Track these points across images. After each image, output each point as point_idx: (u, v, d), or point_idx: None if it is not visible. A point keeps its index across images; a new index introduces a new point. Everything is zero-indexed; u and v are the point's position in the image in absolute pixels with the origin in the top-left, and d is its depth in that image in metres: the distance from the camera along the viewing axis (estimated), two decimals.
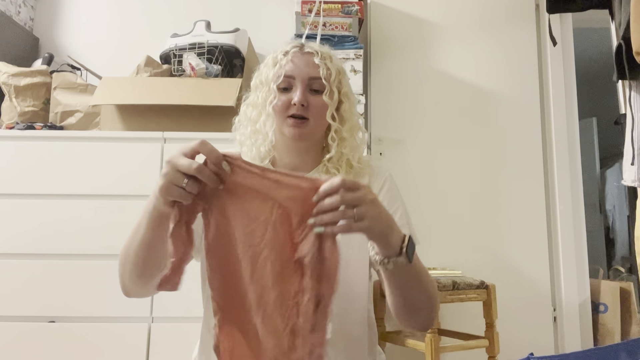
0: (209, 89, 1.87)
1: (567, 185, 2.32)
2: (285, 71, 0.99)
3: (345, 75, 1.06)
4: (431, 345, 1.59)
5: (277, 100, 0.99)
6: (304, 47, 1.03)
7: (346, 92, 1.05)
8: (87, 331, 1.67)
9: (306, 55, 1.02)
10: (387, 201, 1.01)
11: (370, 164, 1.07)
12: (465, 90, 2.36)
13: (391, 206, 1.01)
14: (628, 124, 1.50)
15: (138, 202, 1.72)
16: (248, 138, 1.04)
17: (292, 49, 1.02)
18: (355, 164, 1.03)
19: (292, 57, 1.01)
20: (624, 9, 1.46)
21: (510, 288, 2.15)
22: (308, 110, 0.98)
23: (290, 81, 0.99)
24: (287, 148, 1.03)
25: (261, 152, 1.02)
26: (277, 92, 0.99)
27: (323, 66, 1.00)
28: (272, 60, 1.03)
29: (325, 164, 1.02)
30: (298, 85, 0.99)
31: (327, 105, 1.00)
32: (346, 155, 1.03)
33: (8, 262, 1.71)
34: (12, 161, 1.78)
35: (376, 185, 1.04)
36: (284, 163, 1.04)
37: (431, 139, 2.32)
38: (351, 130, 1.05)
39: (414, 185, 2.26)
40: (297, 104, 0.97)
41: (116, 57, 2.41)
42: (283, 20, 2.44)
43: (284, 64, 1.00)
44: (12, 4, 2.33)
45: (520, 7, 2.44)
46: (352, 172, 1.02)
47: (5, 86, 2.00)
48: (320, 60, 1.00)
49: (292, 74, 0.99)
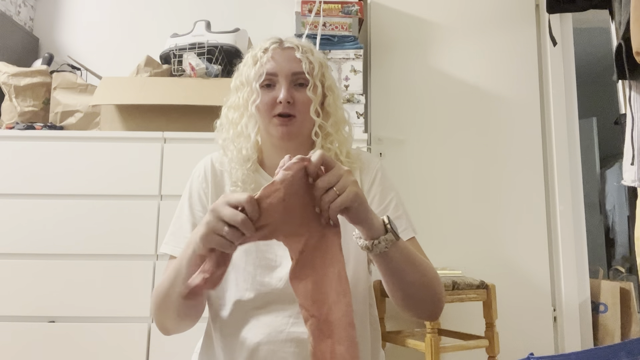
0: (209, 89, 1.87)
1: (567, 185, 2.32)
2: (267, 69, 0.96)
3: (328, 68, 1.03)
4: (431, 345, 1.59)
5: (261, 99, 0.96)
6: (284, 43, 1.00)
7: (330, 85, 1.02)
8: (87, 331, 1.67)
9: (287, 50, 0.98)
10: (379, 194, 0.99)
11: (360, 158, 1.04)
12: (465, 90, 2.36)
13: (384, 198, 0.99)
14: (628, 124, 1.50)
15: (138, 202, 1.75)
16: (231, 142, 1.01)
17: (272, 45, 0.99)
18: (343, 158, 1.01)
19: (272, 54, 0.97)
20: (624, 9, 1.46)
21: (510, 288, 2.15)
22: (294, 107, 0.96)
23: (273, 79, 0.96)
24: (273, 148, 1.01)
25: (244, 155, 0.99)
26: (260, 91, 0.96)
27: (305, 60, 0.97)
28: (252, 59, 0.99)
29: None
30: (282, 82, 0.96)
31: (312, 100, 0.97)
32: (333, 150, 1.00)
33: (8, 262, 1.71)
34: (12, 161, 1.78)
35: (367, 179, 1.01)
36: (271, 163, 1.02)
37: (431, 139, 2.32)
38: (336, 125, 1.02)
39: (414, 185, 2.26)
40: (282, 101, 0.94)
41: (116, 57, 2.42)
42: (283, 20, 2.44)
43: (264, 62, 0.97)
44: (12, 4, 2.33)
45: (520, 7, 2.44)
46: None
47: (5, 86, 2.00)
48: (301, 55, 0.97)
49: (274, 71, 0.96)
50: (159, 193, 1.76)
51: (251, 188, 0.98)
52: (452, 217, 2.25)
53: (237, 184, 0.98)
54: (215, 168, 1.03)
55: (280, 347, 0.89)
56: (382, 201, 0.99)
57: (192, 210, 1.00)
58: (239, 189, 0.98)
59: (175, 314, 0.85)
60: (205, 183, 1.01)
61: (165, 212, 1.73)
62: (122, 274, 1.70)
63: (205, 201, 1.00)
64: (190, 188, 1.02)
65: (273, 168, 1.01)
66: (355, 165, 1.02)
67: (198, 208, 0.99)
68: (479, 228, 2.25)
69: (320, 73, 0.99)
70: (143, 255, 1.71)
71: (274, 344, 0.89)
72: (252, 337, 0.90)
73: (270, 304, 0.92)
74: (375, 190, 1.00)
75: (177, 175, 1.74)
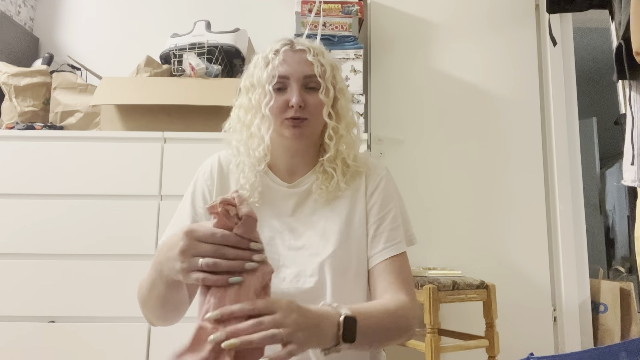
0: (209, 89, 1.87)
1: (567, 185, 2.32)
2: (279, 72, 0.96)
3: (338, 70, 1.03)
4: (431, 345, 1.58)
5: (274, 102, 0.96)
6: (295, 45, 0.99)
7: (341, 88, 1.02)
8: (87, 331, 1.67)
9: (298, 52, 0.98)
10: (379, 202, 1.00)
11: (367, 163, 1.05)
12: (465, 90, 2.36)
13: (384, 207, 1.00)
14: (628, 124, 1.50)
15: (138, 202, 1.75)
16: (244, 143, 1.01)
17: (283, 47, 0.98)
18: (350, 162, 1.01)
19: (284, 56, 0.97)
20: (624, 9, 1.46)
21: (510, 288, 2.15)
22: (306, 110, 0.96)
23: (285, 82, 0.97)
24: (284, 150, 1.01)
25: (256, 157, 0.99)
26: (273, 94, 0.96)
27: (317, 63, 0.97)
28: (263, 60, 0.99)
29: (323, 163, 1.00)
30: (293, 85, 0.96)
31: (324, 103, 0.97)
32: (342, 154, 1.01)
33: (8, 262, 1.72)
34: (12, 161, 1.78)
35: (371, 185, 1.02)
36: (280, 164, 1.03)
37: (431, 139, 2.32)
38: (347, 127, 1.02)
39: (414, 185, 2.26)
40: (294, 105, 0.94)
41: (116, 57, 2.42)
42: (283, 20, 2.45)
43: (276, 64, 0.96)
44: (12, 4, 2.33)
45: (520, 7, 2.44)
46: (348, 172, 1.01)
47: (5, 86, 2.00)
48: (313, 57, 0.97)
49: (286, 74, 0.96)
50: (159, 193, 1.76)
51: (259, 192, 0.98)
52: (452, 217, 2.25)
53: (245, 187, 0.99)
54: (222, 167, 1.04)
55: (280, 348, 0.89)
56: (381, 210, 1.00)
57: (193, 205, 1.00)
58: (246, 192, 0.98)
59: (156, 316, 0.88)
60: (210, 180, 1.02)
61: (165, 212, 1.73)
62: (122, 274, 1.70)
63: (208, 198, 1.01)
64: (195, 184, 1.03)
65: (282, 170, 1.02)
66: (361, 169, 1.02)
67: (200, 204, 1.00)
68: (479, 228, 2.25)
69: (332, 76, 0.99)
70: (143, 255, 1.70)
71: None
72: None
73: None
74: (376, 198, 1.00)
75: (177, 175, 1.74)
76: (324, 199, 0.98)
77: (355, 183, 1.01)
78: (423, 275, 1.78)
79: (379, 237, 0.97)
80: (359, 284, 0.96)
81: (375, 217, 0.99)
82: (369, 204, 1.00)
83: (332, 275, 0.93)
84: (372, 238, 0.98)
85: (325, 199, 0.99)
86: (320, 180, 0.99)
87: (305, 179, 1.01)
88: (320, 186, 0.98)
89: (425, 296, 1.62)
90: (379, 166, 1.06)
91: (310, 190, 1.00)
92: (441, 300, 1.65)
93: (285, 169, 1.02)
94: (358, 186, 1.01)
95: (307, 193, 1.01)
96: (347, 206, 0.99)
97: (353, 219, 0.98)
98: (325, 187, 0.98)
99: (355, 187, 1.01)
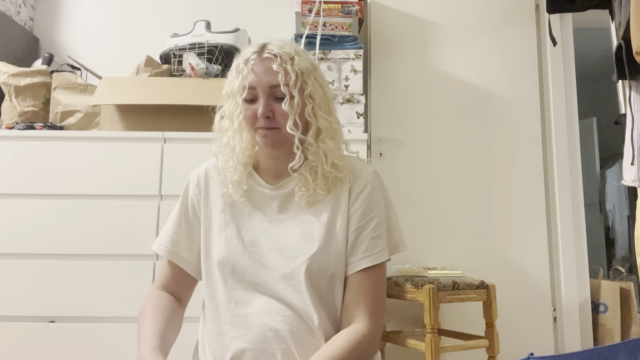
0: (209, 89, 1.87)
1: (567, 185, 2.32)
2: (247, 82, 0.96)
3: (311, 73, 0.99)
4: (431, 345, 1.58)
5: (244, 114, 0.97)
6: (263, 52, 0.97)
7: (310, 93, 0.97)
8: (87, 331, 1.67)
9: (265, 61, 0.96)
10: (362, 209, 0.98)
11: (352, 168, 1.02)
12: (465, 90, 2.36)
13: (367, 215, 0.98)
14: (628, 124, 1.50)
15: (138, 202, 1.75)
16: (222, 150, 1.03)
17: (252, 55, 0.97)
18: (327, 168, 0.98)
19: (252, 66, 0.96)
20: (624, 9, 1.46)
21: (510, 288, 2.15)
22: (275, 120, 0.96)
23: (254, 92, 0.96)
24: (265, 155, 1.03)
25: (231, 165, 1.01)
26: (243, 105, 0.97)
27: (282, 71, 0.94)
28: (236, 70, 0.99)
29: (302, 172, 0.99)
30: (260, 96, 0.96)
31: (288, 113, 0.95)
32: (311, 163, 0.99)
33: (8, 262, 1.72)
34: (12, 161, 1.78)
35: (355, 190, 1.00)
36: (266, 168, 1.04)
37: (431, 139, 2.32)
38: (318, 134, 0.99)
39: (414, 186, 2.26)
40: (261, 117, 0.95)
41: (116, 57, 2.42)
42: (283, 20, 2.44)
43: (245, 74, 0.96)
44: (12, 4, 2.33)
45: (520, 7, 2.44)
46: (326, 178, 0.99)
47: (5, 86, 2.00)
48: (278, 66, 0.94)
49: (254, 85, 0.96)
50: (159, 193, 1.76)
51: (243, 190, 1.02)
52: (452, 217, 2.25)
53: (228, 186, 1.02)
54: (208, 176, 1.08)
55: (269, 345, 0.92)
56: (363, 218, 0.98)
57: (180, 211, 1.08)
58: (230, 190, 1.02)
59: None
60: (197, 189, 1.07)
61: (165, 212, 1.73)
62: (122, 274, 1.70)
63: (196, 206, 1.06)
64: (185, 192, 1.09)
65: (267, 173, 1.04)
66: (342, 174, 1.00)
67: (189, 214, 1.07)
68: (479, 228, 2.25)
69: (299, 82, 0.96)
70: (143, 255, 1.71)
71: (263, 342, 0.92)
72: (241, 336, 0.94)
73: (259, 305, 0.95)
74: (359, 205, 0.99)
75: (177, 175, 1.74)
76: (305, 201, 0.99)
77: (337, 189, 1.00)
78: (423, 275, 1.78)
79: (358, 245, 0.97)
80: (336, 288, 0.97)
81: (356, 225, 0.98)
82: (351, 209, 0.99)
83: (309, 278, 0.93)
84: (351, 246, 0.97)
85: (306, 202, 0.99)
86: (302, 183, 0.99)
87: (289, 182, 1.02)
88: (302, 188, 0.99)
89: (425, 296, 1.62)
90: (364, 171, 1.03)
91: (293, 193, 1.00)
92: (441, 300, 1.65)
93: (271, 172, 1.04)
94: (340, 192, 1.00)
95: (290, 195, 1.01)
96: (329, 211, 0.98)
97: (335, 225, 0.98)
98: (306, 189, 0.98)
99: (337, 193, 1.00)
